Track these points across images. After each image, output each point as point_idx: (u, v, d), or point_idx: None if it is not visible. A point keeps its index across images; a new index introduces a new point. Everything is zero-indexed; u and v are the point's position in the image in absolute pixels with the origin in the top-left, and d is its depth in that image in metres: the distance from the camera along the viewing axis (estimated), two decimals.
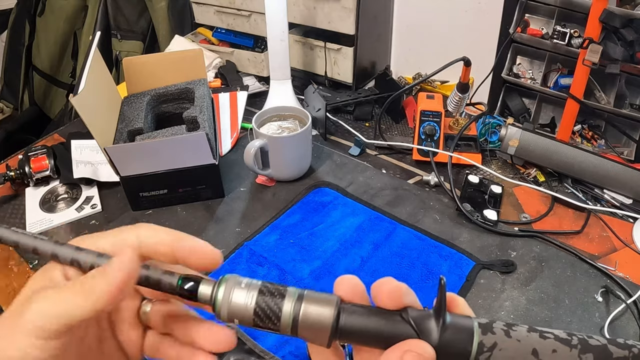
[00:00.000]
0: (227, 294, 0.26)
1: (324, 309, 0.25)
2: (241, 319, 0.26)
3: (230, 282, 0.26)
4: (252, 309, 0.25)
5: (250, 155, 0.83)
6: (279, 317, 0.25)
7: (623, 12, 0.82)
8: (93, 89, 0.77)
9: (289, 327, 0.25)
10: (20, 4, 1.74)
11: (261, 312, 0.25)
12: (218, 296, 0.26)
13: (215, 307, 0.26)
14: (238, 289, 0.26)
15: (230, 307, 0.25)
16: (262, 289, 0.26)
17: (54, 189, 0.90)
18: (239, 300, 0.25)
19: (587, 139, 1.01)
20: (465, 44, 1.14)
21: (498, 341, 0.25)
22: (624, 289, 0.70)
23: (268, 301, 0.25)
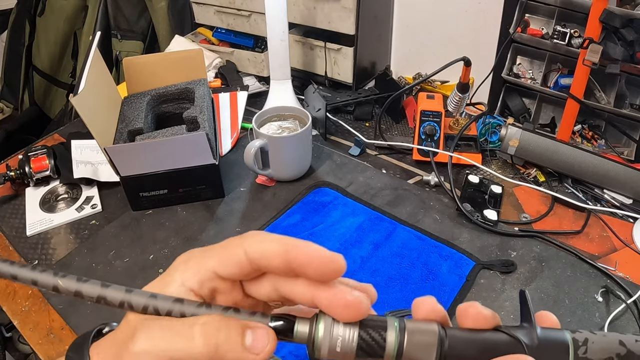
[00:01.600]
0: (328, 331, 0.24)
1: (427, 337, 0.24)
2: (343, 355, 0.25)
3: (328, 318, 0.25)
4: (356, 344, 0.24)
5: (250, 155, 0.83)
6: (383, 349, 0.24)
7: (623, 12, 0.82)
8: (93, 89, 0.77)
9: (392, 358, 0.24)
10: (20, 4, 1.74)
11: (365, 346, 0.24)
12: (319, 334, 0.24)
13: (315, 346, 0.24)
14: (337, 325, 0.24)
15: (332, 344, 0.24)
16: (362, 323, 0.25)
17: (54, 189, 0.90)
18: (341, 336, 0.24)
19: (587, 139, 1.01)
20: (465, 44, 1.14)
21: (588, 337, 0.25)
22: (624, 289, 0.70)
23: (371, 334, 0.24)
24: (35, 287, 0.24)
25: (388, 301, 0.69)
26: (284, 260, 0.24)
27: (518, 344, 0.24)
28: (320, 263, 0.24)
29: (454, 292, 0.70)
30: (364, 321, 0.25)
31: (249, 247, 0.25)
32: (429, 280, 0.72)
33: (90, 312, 0.69)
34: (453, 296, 0.70)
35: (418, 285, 0.72)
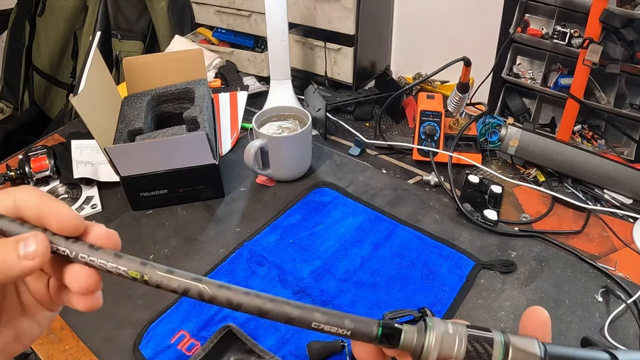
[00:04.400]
0: (438, 341, 0.25)
1: (530, 356, 0.25)
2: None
3: (439, 327, 0.25)
4: (462, 357, 0.25)
5: (250, 155, 0.83)
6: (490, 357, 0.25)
7: (623, 12, 0.82)
8: (93, 89, 0.77)
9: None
10: (20, 4, 1.74)
11: (474, 354, 0.25)
12: (430, 344, 0.25)
13: (422, 355, 0.25)
14: (448, 337, 0.25)
15: (441, 355, 0.25)
16: (471, 336, 0.25)
17: (54, 189, 0.90)
18: (449, 349, 0.25)
19: (587, 139, 1.01)
20: (465, 44, 1.14)
21: None
22: (624, 289, 0.70)
23: (477, 348, 0.25)
24: None
25: (388, 301, 0.69)
26: (36, 212, 0.28)
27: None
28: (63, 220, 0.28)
29: (454, 292, 0.70)
30: (471, 334, 0.25)
31: (17, 196, 0.28)
32: (429, 280, 0.72)
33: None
34: (453, 296, 0.70)
35: (418, 285, 0.72)
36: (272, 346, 0.63)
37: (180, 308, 0.69)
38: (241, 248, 0.78)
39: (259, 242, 0.79)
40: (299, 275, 0.73)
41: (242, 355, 0.62)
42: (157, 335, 0.65)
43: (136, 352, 0.63)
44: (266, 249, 0.77)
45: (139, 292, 0.71)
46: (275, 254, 0.76)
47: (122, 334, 0.66)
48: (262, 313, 0.26)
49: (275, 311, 0.25)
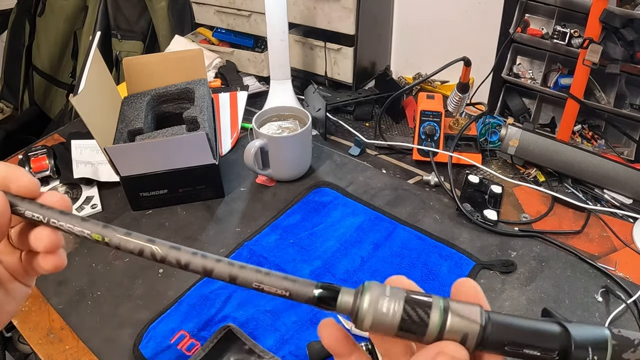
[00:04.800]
0: (373, 303, 0.24)
1: (470, 320, 0.24)
2: (384, 329, 0.25)
3: (375, 290, 0.25)
4: (399, 319, 0.24)
5: (250, 155, 0.83)
6: (426, 329, 0.24)
7: (623, 12, 0.82)
8: (93, 89, 0.77)
9: (433, 338, 0.24)
10: (20, 4, 1.74)
11: (408, 322, 0.24)
12: (363, 305, 0.25)
13: (358, 317, 0.25)
14: (383, 298, 0.25)
15: (376, 317, 0.24)
16: (408, 299, 0.25)
17: (54, 189, 0.90)
18: (385, 310, 0.24)
19: (587, 139, 1.01)
20: (465, 44, 1.14)
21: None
22: (624, 289, 0.70)
23: (415, 312, 0.24)
24: None
25: None
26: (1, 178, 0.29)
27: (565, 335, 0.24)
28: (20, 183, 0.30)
29: None
30: (409, 298, 0.25)
31: None
32: (429, 280, 0.72)
33: (89, 311, 0.69)
34: None
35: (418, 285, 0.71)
36: (272, 346, 0.63)
37: (180, 308, 0.69)
38: (241, 248, 0.78)
39: (259, 242, 0.79)
40: (299, 275, 0.72)
41: (242, 355, 0.62)
42: (157, 335, 0.65)
43: (136, 352, 0.63)
44: (266, 249, 0.77)
45: (139, 292, 0.71)
46: (275, 254, 0.76)
47: (122, 334, 0.66)
48: (207, 272, 0.26)
49: (219, 270, 0.26)
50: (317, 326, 0.66)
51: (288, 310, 0.68)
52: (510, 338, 0.24)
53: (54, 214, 0.28)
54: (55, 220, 0.28)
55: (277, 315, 0.67)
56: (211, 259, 0.27)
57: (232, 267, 0.26)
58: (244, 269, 0.26)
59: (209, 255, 0.27)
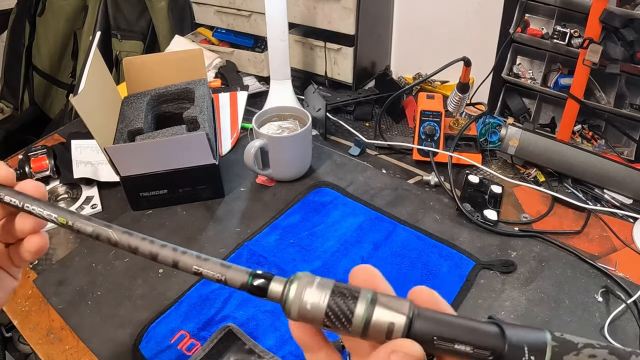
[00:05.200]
0: (299, 292, 0.25)
1: (397, 316, 0.24)
2: (311, 319, 0.25)
3: (303, 280, 0.25)
4: (324, 309, 0.24)
5: (250, 155, 0.83)
6: (351, 319, 0.24)
7: (623, 12, 0.82)
8: (93, 89, 0.77)
9: (359, 330, 0.24)
10: (20, 4, 1.73)
11: (333, 313, 0.25)
12: (290, 295, 0.25)
13: (286, 306, 0.25)
14: (310, 289, 0.25)
15: (302, 307, 0.25)
16: (334, 290, 0.25)
17: (54, 189, 0.90)
18: (311, 300, 0.25)
19: (587, 139, 1.01)
20: (465, 44, 1.14)
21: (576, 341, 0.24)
22: (624, 289, 0.70)
23: (341, 303, 0.24)
24: None
25: None
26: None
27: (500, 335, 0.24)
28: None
29: (454, 292, 0.70)
30: (336, 289, 0.25)
31: None
32: (429, 280, 0.72)
33: (90, 312, 0.69)
34: (453, 296, 0.70)
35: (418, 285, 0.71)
36: (272, 346, 0.63)
37: (180, 308, 0.69)
38: (241, 248, 0.78)
39: (259, 242, 0.79)
40: None
41: (242, 355, 0.62)
42: (157, 335, 0.65)
43: (136, 352, 0.63)
44: (266, 249, 0.77)
45: (139, 292, 0.71)
46: (275, 254, 0.77)
47: (122, 334, 0.66)
48: (153, 256, 0.28)
49: (163, 255, 0.28)
50: None
51: None
52: (440, 332, 0.24)
53: (27, 199, 0.32)
54: (29, 205, 0.31)
55: (277, 315, 0.67)
56: (157, 244, 0.28)
57: (175, 252, 0.28)
58: (185, 254, 0.28)
59: (156, 241, 0.28)
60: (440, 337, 0.24)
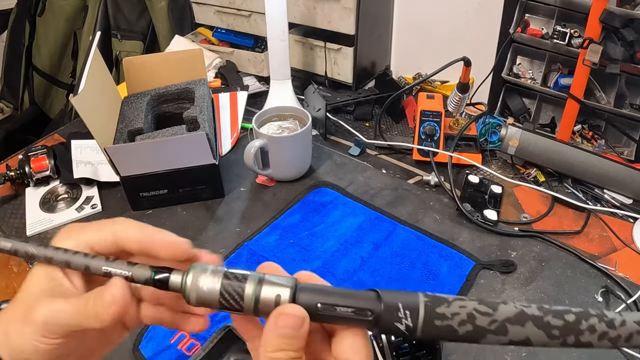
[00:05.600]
0: (195, 280, 0.28)
1: (282, 289, 0.27)
2: (209, 303, 0.28)
3: (197, 269, 0.28)
4: (218, 293, 0.28)
5: (250, 155, 0.83)
6: (242, 299, 0.28)
7: (623, 12, 0.82)
8: (93, 89, 0.77)
9: (251, 308, 0.28)
10: (20, 4, 1.73)
11: (226, 295, 0.28)
12: (187, 283, 0.28)
13: (185, 294, 0.28)
14: (204, 276, 0.28)
15: (199, 293, 0.28)
16: (226, 274, 0.28)
17: (54, 189, 0.90)
18: (205, 286, 0.28)
19: (587, 139, 1.01)
20: (465, 44, 1.14)
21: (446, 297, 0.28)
22: (624, 289, 0.70)
23: (232, 285, 0.28)
24: None
25: None
26: (140, 246, 0.30)
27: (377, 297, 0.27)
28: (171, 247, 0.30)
29: (454, 292, 0.70)
30: (228, 274, 0.28)
31: (117, 231, 0.30)
32: (429, 280, 0.72)
33: None
34: None
35: (418, 285, 0.72)
36: None
37: None
38: (241, 248, 0.78)
39: (259, 242, 0.79)
40: None
41: (242, 355, 0.62)
42: (157, 335, 0.65)
43: (136, 352, 0.63)
44: (266, 249, 0.77)
45: None
46: (275, 254, 0.76)
47: None
48: (67, 264, 0.29)
49: (76, 262, 0.29)
50: None
51: None
52: (323, 299, 0.27)
53: None
54: None
55: None
56: (70, 252, 0.29)
57: (86, 258, 0.29)
58: (94, 258, 0.29)
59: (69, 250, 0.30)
60: (324, 303, 0.27)
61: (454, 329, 0.27)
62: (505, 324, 0.27)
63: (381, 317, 0.27)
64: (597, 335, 0.27)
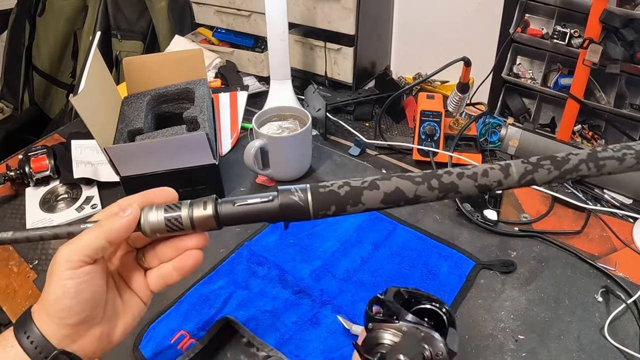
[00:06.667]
0: (145, 217, 0.38)
1: (207, 206, 0.38)
2: (158, 230, 0.38)
3: (145, 210, 0.39)
4: (163, 222, 0.38)
5: (250, 155, 0.83)
6: (181, 222, 0.38)
7: (623, 12, 0.82)
8: (93, 89, 0.77)
9: (189, 226, 0.38)
10: (20, 4, 1.74)
11: (169, 222, 0.38)
12: (141, 220, 0.38)
13: (142, 229, 0.38)
14: (150, 213, 0.38)
15: (150, 225, 0.38)
16: (166, 208, 0.38)
17: (54, 189, 0.90)
18: (153, 219, 0.38)
19: (587, 139, 1.01)
20: (465, 44, 1.14)
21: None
22: (624, 289, 0.70)
23: (171, 214, 0.38)
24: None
25: None
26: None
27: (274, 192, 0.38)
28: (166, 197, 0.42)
29: (454, 292, 0.70)
30: (167, 208, 0.38)
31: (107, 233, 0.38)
32: (429, 280, 0.72)
33: None
34: (453, 296, 0.70)
35: (418, 285, 0.72)
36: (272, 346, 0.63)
37: (180, 308, 0.69)
38: (241, 248, 0.78)
39: (259, 242, 0.79)
40: (299, 275, 0.72)
41: (240, 348, 0.62)
42: (157, 335, 0.65)
43: (136, 352, 0.63)
44: (266, 249, 0.77)
45: None
46: (275, 254, 0.76)
47: None
48: (42, 238, 0.38)
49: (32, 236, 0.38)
50: (317, 326, 0.66)
51: (288, 310, 0.68)
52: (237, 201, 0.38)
53: None
54: None
55: (277, 316, 0.67)
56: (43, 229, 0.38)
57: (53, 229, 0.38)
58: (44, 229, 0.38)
59: (39, 228, 0.38)
60: (238, 204, 0.38)
61: (336, 192, 0.36)
62: (375, 181, 0.36)
63: (279, 196, 0.37)
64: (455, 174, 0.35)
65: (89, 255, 0.36)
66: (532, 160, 0.32)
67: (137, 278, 0.42)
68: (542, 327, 0.66)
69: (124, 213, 0.38)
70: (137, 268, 0.43)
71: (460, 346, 0.63)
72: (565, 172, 0.32)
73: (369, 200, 0.35)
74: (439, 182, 0.34)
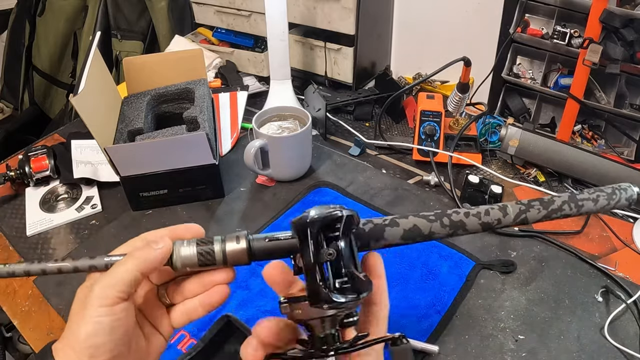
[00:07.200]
0: (177, 251, 0.37)
1: (240, 240, 0.37)
2: (191, 264, 0.37)
3: (177, 244, 0.38)
4: (195, 255, 0.37)
5: (250, 155, 0.83)
6: (214, 256, 0.37)
7: (623, 12, 0.82)
8: (93, 89, 0.77)
9: (221, 261, 0.37)
10: (20, 4, 1.74)
11: (202, 256, 0.37)
12: (173, 256, 0.37)
13: (172, 264, 0.37)
14: (182, 247, 0.37)
15: (182, 259, 0.37)
16: (198, 242, 0.37)
17: (54, 189, 0.90)
18: (185, 252, 0.37)
19: (587, 139, 1.01)
20: (465, 44, 1.14)
21: None
22: (624, 289, 0.70)
23: (204, 248, 0.37)
24: None
25: None
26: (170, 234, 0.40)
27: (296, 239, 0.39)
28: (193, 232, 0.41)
29: (454, 292, 0.70)
30: (199, 242, 0.37)
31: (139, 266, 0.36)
32: (429, 280, 0.72)
33: None
34: (453, 296, 0.70)
35: (418, 285, 0.72)
36: None
37: None
38: None
39: None
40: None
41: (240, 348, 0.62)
42: None
43: None
44: None
45: None
46: None
47: None
48: (45, 272, 0.38)
49: (50, 269, 0.39)
50: None
51: None
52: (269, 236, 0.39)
53: None
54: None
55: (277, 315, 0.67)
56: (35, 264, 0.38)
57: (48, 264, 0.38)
58: (41, 263, 0.38)
59: (34, 262, 0.38)
60: (269, 239, 0.39)
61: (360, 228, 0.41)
62: (395, 219, 0.40)
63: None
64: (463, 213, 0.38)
65: (124, 290, 0.35)
66: (524, 202, 0.38)
67: (159, 314, 0.42)
68: (542, 327, 0.66)
69: (156, 245, 0.37)
70: (159, 304, 0.42)
71: (460, 346, 0.63)
72: (552, 211, 0.38)
73: (391, 236, 0.41)
74: (450, 220, 0.38)
